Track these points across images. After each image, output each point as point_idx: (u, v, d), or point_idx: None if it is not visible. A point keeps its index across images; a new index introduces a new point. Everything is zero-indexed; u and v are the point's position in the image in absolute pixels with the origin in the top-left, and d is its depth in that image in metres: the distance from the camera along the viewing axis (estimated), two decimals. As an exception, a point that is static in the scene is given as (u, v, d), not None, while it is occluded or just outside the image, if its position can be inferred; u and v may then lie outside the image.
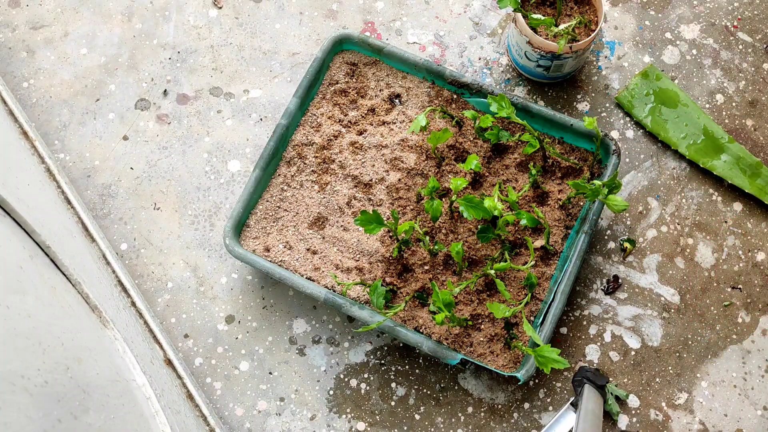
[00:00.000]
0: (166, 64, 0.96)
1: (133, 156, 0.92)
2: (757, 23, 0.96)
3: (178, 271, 0.87)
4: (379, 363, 0.83)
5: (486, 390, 0.82)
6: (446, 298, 0.71)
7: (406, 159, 0.86)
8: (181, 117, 0.93)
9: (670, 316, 0.84)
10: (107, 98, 0.94)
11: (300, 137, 0.88)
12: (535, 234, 0.83)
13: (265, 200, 0.85)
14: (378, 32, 0.97)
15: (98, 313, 0.69)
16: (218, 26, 0.98)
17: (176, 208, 0.90)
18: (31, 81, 0.95)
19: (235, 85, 0.95)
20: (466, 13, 0.98)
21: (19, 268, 0.56)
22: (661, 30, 0.96)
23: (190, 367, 0.83)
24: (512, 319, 0.80)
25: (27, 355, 0.49)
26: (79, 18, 0.98)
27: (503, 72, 0.95)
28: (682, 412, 0.81)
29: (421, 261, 0.82)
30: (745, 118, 0.92)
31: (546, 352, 0.67)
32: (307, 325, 0.85)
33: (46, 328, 0.54)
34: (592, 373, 0.79)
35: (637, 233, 0.87)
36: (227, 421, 0.81)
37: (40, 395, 0.47)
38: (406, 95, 0.90)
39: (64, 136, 0.92)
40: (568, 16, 0.88)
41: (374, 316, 0.78)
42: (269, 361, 0.84)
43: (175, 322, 0.85)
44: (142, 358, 0.72)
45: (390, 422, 0.81)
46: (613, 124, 0.92)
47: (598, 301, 0.85)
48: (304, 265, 0.82)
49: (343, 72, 0.90)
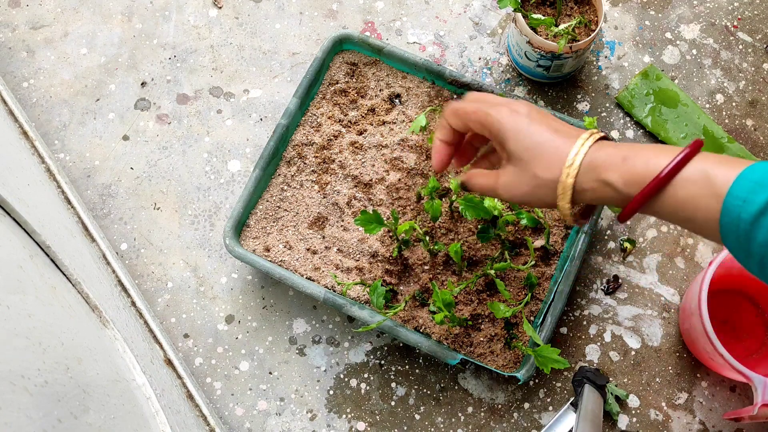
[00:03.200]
0: (166, 64, 0.96)
1: (133, 156, 0.92)
2: (757, 23, 0.96)
3: (178, 271, 0.87)
4: (379, 363, 0.83)
5: (486, 390, 0.82)
6: (446, 298, 0.71)
7: (406, 159, 0.86)
8: (181, 117, 0.93)
9: (670, 316, 0.84)
10: (107, 98, 0.94)
11: (300, 137, 0.88)
12: (535, 234, 0.83)
13: (265, 200, 0.85)
14: (378, 32, 0.97)
15: (98, 313, 0.69)
16: (218, 26, 0.98)
17: (176, 208, 0.90)
18: (31, 81, 0.95)
19: (235, 85, 0.95)
20: (466, 13, 0.98)
21: (19, 268, 0.56)
22: (661, 30, 0.96)
23: (190, 367, 0.83)
24: (512, 319, 0.80)
25: (27, 355, 0.49)
26: (79, 18, 0.98)
27: (503, 72, 0.95)
28: (682, 412, 0.81)
29: (421, 261, 0.82)
30: (745, 118, 0.92)
31: (546, 352, 0.67)
32: (307, 325, 0.85)
33: (46, 328, 0.54)
34: (592, 373, 0.79)
35: (637, 233, 0.87)
36: (227, 421, 0.81)
37: (40, 395, 0.47)
38: (406, 95, 0.90)
39: (64, 136, 0.92)
40: (568, 16, 0.88)
41: (374, 316, 0.78)
42: (269, 361, 0.84)
43: (175, 322, 0.85)
44: (142, 358, 0.72)
45: (390, 422, 0.81)
46: (613, 124, 0.92)
47: (598, 301, 0.85)
48: (304, 265, 0.82)
49: (343, 72, 0.90)
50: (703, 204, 0.48)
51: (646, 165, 0.51)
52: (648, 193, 0.50)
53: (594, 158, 0.53)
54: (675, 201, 0.50)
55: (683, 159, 0.49)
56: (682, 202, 0.49)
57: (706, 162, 0.49)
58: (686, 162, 0.49)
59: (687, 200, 0.49)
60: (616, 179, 0.52)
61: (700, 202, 0.48)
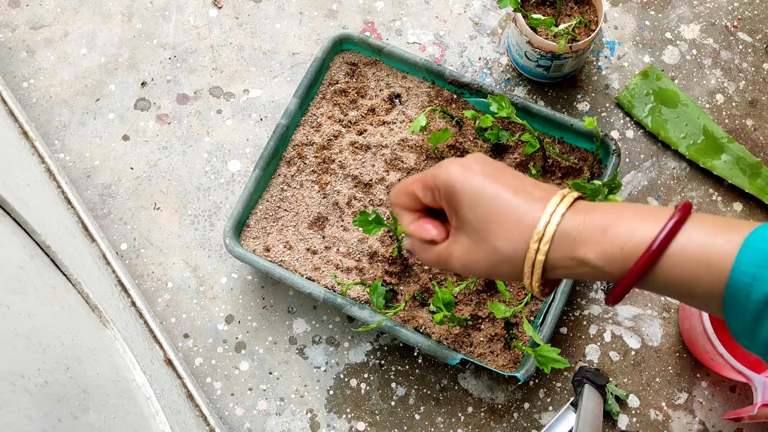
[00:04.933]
0: (166, 64, 0.96)
1: (133, 156, 0.92)
2: (757, 23, 0.96)
3: (178, 271, 0.87)
4: (379, 363, 0.83)
5: (486, 390, 0.82)
6: (446, 298, 0.71)
7: (406, 159, 0.86)
8: (181, 117, 0.93)
9: (670, 316, 0.84)
10: (107, 98, 0.94)
11: (300, 137, 0.88)
12: (535, 234, 0.83)
13: (265, 200, 0.85)
14: (378, 32, 0.97)
15: (98, 313, 0.69)
16: (218, 26, 0.98)
17: (176, 208, 0.90)
18: (31, 81, 0.95)
19: (235, 85, 0.95)
20: (466, 13, 0.98)
21: (19, 268, 0.56)
22: (661, 30, 0.96)
23: (190, 367, 0.83)
24: (512, 319, 0.80)
25: (27, 355, 0.49)
26: (79, 18, 0.98)
27: (503, 72, 0.95)
28: (682, 412, 0.81)
29: (421, 261, 0.82)
30: (745, 118, 0.92)
31: (546, 352, 0.67)
32: (307, 325, 0.85)
33: (46, 328, 0.54)
34: (592, 373, 0.79)
35: (637, 233, 0.87)
36: (227, 421, 0.81)
37: (40, 395, 0.47)
38: (406, 95, 0.90)
39: (64, 136, 0.92)
40: (568, 16, 0.88)
41: (374, 316, 0.78)
42: (269, 361, 0.84)
43: (175, 322, 0.85)
44: (142, 357, 0.72)
45: (390, 422, 0.81)
46: (613, 124, 0.92)
47: (598, 301, 0.85)
48: (304, 265, 0.82)
49: (343, 72, 0.90)
50: (704, 280, 0.41)
51: (630, 237, 0.42)
52: (636, 275, 0.42)
53: (567, 229, 0.44)
54: (670, 277, 0.42)
55: (674, 228, 0.42)
56: (678, 279, 0.42)
57: (702, 228, 0.42)
58: (677, 230, 0.42)
59: (684, 277, 0.42)
60: (595, 257, 0.43)
61: (701, 278, 0.41)
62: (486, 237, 0.46)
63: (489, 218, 0.46)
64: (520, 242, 0.45)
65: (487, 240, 0.46)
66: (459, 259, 0.48)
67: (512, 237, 0.45)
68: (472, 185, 0.46)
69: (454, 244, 0.49)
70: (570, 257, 0.44)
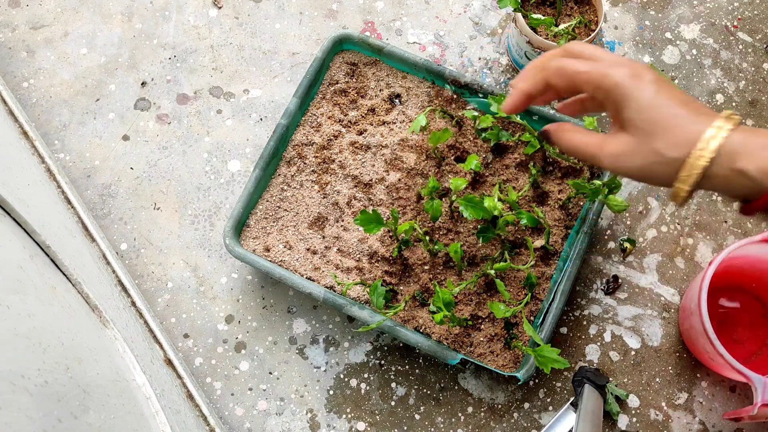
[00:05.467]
0: (166, 64, 0.96)
1: (133, 156, 0.92)
2: (757, 23, 0.96)
3: (178, 271, 0.87)
4: (379, 363, 0.83)
5: (486, 390, 0.82)
6: (446, 298, 0.71)
7: (406, 159, 0.86)
8: (181, 117, 0.93)
9: (670, 316, 0.84)
10: (107, 98, 0.94)
11: (300, 137, 0.88)
12: (535, 234, 0.83)
13: (265, 200, 0.85)
14: (378, 32, 0.97)
15: (98, 313, 0.69)
16: (218, 26, 0.98)
17: (176, 208, 0.90)
18: (31, 81, 0.95)
19: (235, 85, 0.95)
20: (466, 13, 0.98)
21: (19, 268, 0.56)
22: (661, 30, 0.96)
23: (190, 367, 0.83)
24: (512, 319, 0.80)
25: (27, 355, 0.49)
26: (79, 18, 0.98)
27: (503, 72, 0.95)
28: (682, 412, 0.81)
29: (421, 261, 0.82)
30: (745, 118, 0.92)
31: (546, 352, 0.67)
32: (307, 325, 0.85)
33: (46, 328, 0.54)
34: (592, 373, 0.79)
35: (637, 233, 0.87)
36: (227, 421, 0.81)
37: (40, 395, 0.47)
38: (406, 95, 0.90)
39: (64, 136, 0.92)
40: (568, 16, 0.88)
41: (374, 316, 0.78)
42: (269, 361, 0.84)
43: (175, 322, 0.85)
44: (142, 358, 0.72)
45: (390, 422, 0.81)
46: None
47: (598, 301, 0.85)
48: (304, 265, 0.82)
49: (343, 72, 0.90)
50: None
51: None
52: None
53: (731, 143, 0.48)
54: None
55: None
56: None
57: None
58: None
59: None
60: (754, 170, 0.47)
61: None
62: (649, 139, 0.50)
63: (656, 122, 0.49)
64: (683, 147, 0.48)
65: (650, 142, 0.50)
66: (612, 153, 0.52)
67: (677, 142, 0.49)
68: (642, 92, 0.50)
69: (610, 138, 0.52)
70: (730, 167, 0.48)
